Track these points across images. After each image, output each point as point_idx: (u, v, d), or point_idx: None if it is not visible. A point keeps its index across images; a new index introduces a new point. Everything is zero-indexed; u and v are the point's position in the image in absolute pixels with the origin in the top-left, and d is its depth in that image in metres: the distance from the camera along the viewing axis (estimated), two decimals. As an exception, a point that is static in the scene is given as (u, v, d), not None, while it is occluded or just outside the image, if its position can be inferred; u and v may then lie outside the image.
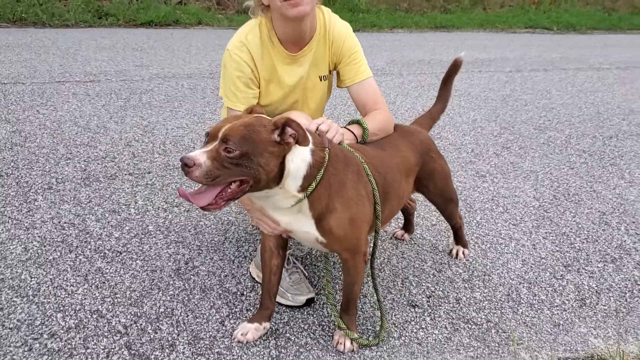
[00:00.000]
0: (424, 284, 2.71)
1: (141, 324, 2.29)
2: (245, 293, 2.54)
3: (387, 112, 2.53)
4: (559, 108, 5.80)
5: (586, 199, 3.71)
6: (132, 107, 4.79)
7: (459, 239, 2.94)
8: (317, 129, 2.15)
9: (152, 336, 2.23)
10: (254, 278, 2.63)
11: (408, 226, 3.08)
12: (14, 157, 3.68)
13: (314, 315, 2.43)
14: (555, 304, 2.63)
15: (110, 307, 2.38)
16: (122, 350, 2.15)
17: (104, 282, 2.54)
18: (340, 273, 2.72)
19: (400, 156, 2.41)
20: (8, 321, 2.26)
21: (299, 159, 1.93)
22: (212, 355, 2.15)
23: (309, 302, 2.47)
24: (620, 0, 14.56)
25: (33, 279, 2.53)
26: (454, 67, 2.80)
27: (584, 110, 5.80)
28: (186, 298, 2.47)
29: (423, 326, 2.42)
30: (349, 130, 2.34)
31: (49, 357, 2.09)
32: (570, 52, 9.12)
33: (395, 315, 2.47)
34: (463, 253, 2.93)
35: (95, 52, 6.72)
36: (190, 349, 2.18)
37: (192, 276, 2.63)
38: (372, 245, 2.34)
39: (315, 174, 1.97)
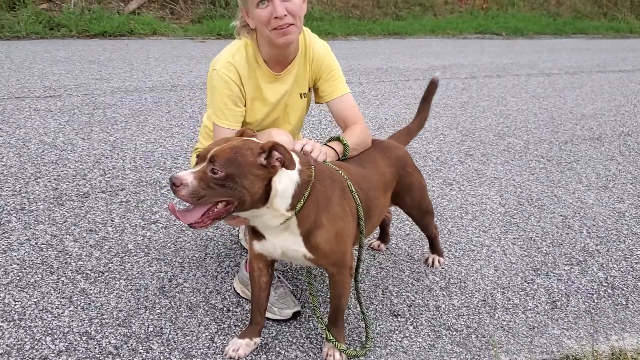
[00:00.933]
0: (404, 294, 2.80)
1: (132, 344, 2.31)
2: (231, 309, 2.58)
3: (364, 125, 2.63)
4: (515, 114, 6.01)
5: (548, 204, 3.88)
6: (97, 123, 4.75)
7: (434, 248, 3.04)
8: (302, 149, 2.22)
9: (144, 356, 2.25)
10: (238, 293, 2.67)
11: (384, 236, 3.17)
12: (-19, 177, 3.62)
13: (301, 329, 2.49)
14: (529, 308, 2.76)
15: (98, 328, 2.39)
16: (116, 371, 2.17)
17: (89, 304, 2.54)
18: (322, 285, 2.79)
19: (379, 172, 2.50)
20: (-4, 347, 2.24)
21: (286, 180, 2.00)
22: (205, 373, 2.19)
23: (295, 315, 2.52)
24: (564, 5, 15.10)
25: (17, 302, 2.51)
26: (431, 87, 2.92)
27: (539, 115, 6.02)
28: (174, 316, 2.50)
29: (407, 335, 2.50)
30: (330, 147, 2.42)
31: (43, 383, 2.10)
32: (520, 58, 9.42)
33: (379, 325, 2.55)
34: (439, 261, 3.03)
35: (51, 66, 6.62)
36: (183, 368, 2.21)
37: (177, 294, 2.65)
38: (356, 259, 2.41)
39: (304, 192, 2.04)
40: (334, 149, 2.42)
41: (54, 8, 9.81)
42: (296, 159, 2.03)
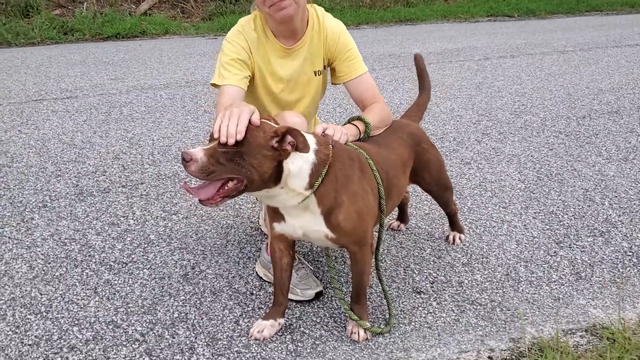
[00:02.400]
0: (425, 271, 2.79)
1: (158, 330, 2.33)
2: (254, 292, 2.60)
3: (385, 104, 2.62)
4: (530, 92, 5.95)
5: (568, 178, 3.84)
6: (114, 121, 4.80)
7: (454, 225, 3.03)
8: (323, 132, 2.22)
9: (170, 341, 2.27)
10: (260, 277, 2.69)
11: (403, 217, 3.16)
12: (3, 178, 3.67)
13: (324, 309, 2.50)
14: (553, 280, 2.74)
15: (124, 316, 2.42)
16: (143, 357, 2.19)
17: (114, 294, 2.57)
18: (343, 266, 2.79)
19: (396, 151, 2.50)
20: (26, 338, 2.28)
21: (300, 161, 2.01)
22: (231, 355, 2.20)
23: (318, 296, 2.53)
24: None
25: (43, 295, 2.55)
26: (418, 61, 2.95)
27: (555, 93, 5.96)
28: (198, 302, 2.52)
29: (430, 311, 2.50)
30: (353, 125, 2.42)
31: (73, 370, 2.13)
32: (533, 38, 9.32)
33: (402, 302, 2.55)
34: (460, 238, 3.02)
35: (67, 69, 6.69)
36: (209, 350, 2.22)
37: (200, 280, 2.67)
38: (376, 238, 2.41)
39: (321, 171, 2.04)
40: (356, 127, 2.42)
41: (66, 13, 9.92)
42: (312, 140, 2.03)
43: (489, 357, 2.23)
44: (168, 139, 4.42)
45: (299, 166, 2.00)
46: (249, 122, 1.93)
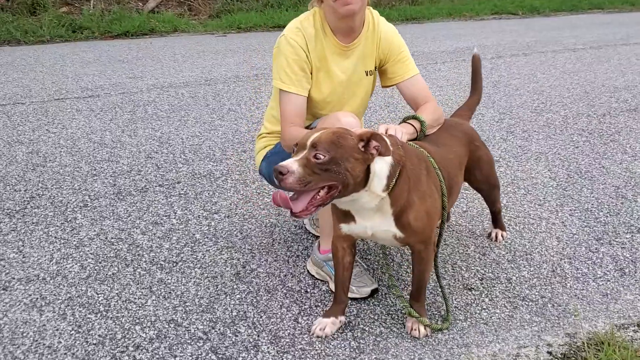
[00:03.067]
0: (472, 268, 2.83)
1: (219, 329, 2.36)
2: (309, 290, 2.63)
3: (437, 104, 2.66)
4: (548, 90, 6.01)
5: (598, 175, 3.89)
6: (140, 120, 4.81)
7: (497, 222, 3.07)
8: (386, 132, 2.25)
9: (233, 339, 2.30)
10: (313, 275, 2.72)
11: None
12: (39, 177, 3.69)
13: (380, 306, 2.53)
14: (598, 276, 2.78)
15: (184, 315, 2.45)
16: (210, 355, 2.22)
17: (169, 292, 2.59)
18: (392, 264, 2.83)
19: (453, 150, 2.54)
20: (90, 337, 2.30)
21: (381, 162, 2.04)
22: (296, 352, 2.24)
23: (373, 293, 2.57)
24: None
25: (99, 295, 2.57)
26: (475, 62, 3.02)
27: (572, 91, 6.02)
28: (254, 300, 2.55)
29: (484, 307, 2.54)
30: (409, 124, 2.46)
31: (143, 368, 2.16)
32: (541, 35, 9.39)
33: (455, 299, 2.59)
34: (502, 235, 3.07)
35: (82, 67, 6.69)
36: (274, 348, 2.26)
37: (253, 279, 2.70)
38: (437, 235, 2.45)
39: (397, 172, 2.08)
40: (413, 125, 2.46)
41: (73, 11, 9.90)
42: (389, 142, 2.07)
43: (548, 352, 2.28)
44: (197, 137, 4.44)
45: (380, 167, 2.04)
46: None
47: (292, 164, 1.90)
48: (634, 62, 7.39)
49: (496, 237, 3.06)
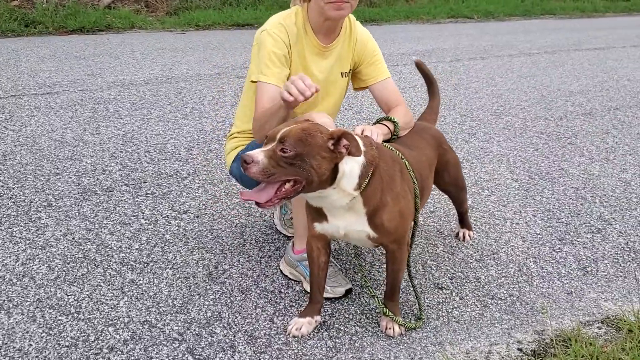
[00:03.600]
0: (442, 267, 2.89)
1: (195, 330, 2.35)
2: (283, 290, 2.63)
3: (407, 107, 2.70)
4: (506, 94, 6.15)
5: (558, 177, 4.01)
6: (102, 118, 4.72)
7: (464, 222, 3.14)
8: (362, 132, 2.28)
9: (209, 340, 2.29)
10: (286, 275, 2.73)
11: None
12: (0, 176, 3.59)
13: (354, 306, 2.56)
14: (563, 274, 2.87)
15: (157, 316, 2.42)
16: (186, 356, 2.20)
17: (142, 294, 2.56)
18: (370, 265, 2.86)
19: (424, 153, 2.58)
20: (62, 340, 2.26)
21: (352, 162, 2.06)
22: (273, 352, 2.24)
23: (347, 293, 2.59)
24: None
25: (70, 296, 2.52)
26: (420, 67, 3.06)
27: (529, 94, 6.18)
28: (228, 301, 2.54)
29: (455, 306, 2.59)
30: (383, 124, 2.49)
31: (119, 370, 2.13)
32: (497, 39, 9.60)
33: (427, 298, 2.64)
34: (469, 235, 3.13)
35: (38, 63, 6.52)
36: (251, 349, 2.25)
37: (226, 279, 2.69)
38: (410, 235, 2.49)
39: (369, 172, 2.10)
40: (387, 127, 2.49)
41: (26, 5, 9.62)
42: (360, 142, 2.09)
43: (518, 349, 2.34)
44: (161, 136, 4.39)
45: (350, 166, 2.05)
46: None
47: (258, 154, 1.94)
48: (586, 67, 7.64)
49: (464, 236, 3.13)
